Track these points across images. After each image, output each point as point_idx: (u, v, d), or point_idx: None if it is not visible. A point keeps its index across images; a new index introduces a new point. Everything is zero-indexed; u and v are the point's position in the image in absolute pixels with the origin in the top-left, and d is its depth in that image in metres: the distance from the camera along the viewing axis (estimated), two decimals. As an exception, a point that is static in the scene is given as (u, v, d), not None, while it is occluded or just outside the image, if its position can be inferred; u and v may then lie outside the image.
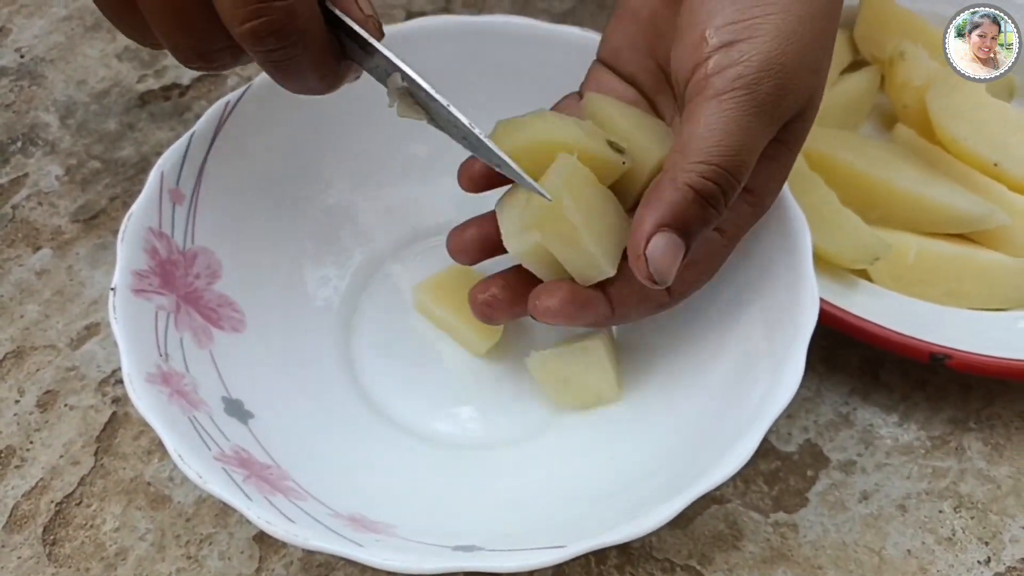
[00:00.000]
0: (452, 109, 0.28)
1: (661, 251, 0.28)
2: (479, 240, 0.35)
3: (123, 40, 0.54)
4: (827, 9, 0.29)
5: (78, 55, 0.53)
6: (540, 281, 0.33)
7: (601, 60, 0.36)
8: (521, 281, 0.34)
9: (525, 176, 0.30)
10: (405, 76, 0.28)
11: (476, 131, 0.29)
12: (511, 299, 0.34)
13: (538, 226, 0.31)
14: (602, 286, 0.32)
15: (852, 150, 0.43)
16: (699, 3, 0.29)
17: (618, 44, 0.35)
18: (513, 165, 0.30)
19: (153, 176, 0.34)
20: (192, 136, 0.35)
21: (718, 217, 0.29)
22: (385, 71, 0.28)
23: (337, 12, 0.26)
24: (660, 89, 0.35)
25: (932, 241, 0.42)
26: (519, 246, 0.32)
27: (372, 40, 0.27)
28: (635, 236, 0.28)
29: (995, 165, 0.43)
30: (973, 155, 0.44)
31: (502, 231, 0.32)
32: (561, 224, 0.30)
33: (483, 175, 0.33)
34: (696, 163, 0.27)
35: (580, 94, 0.36)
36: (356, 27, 0.26)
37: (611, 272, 0.31)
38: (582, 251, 0.31)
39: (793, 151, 0.31)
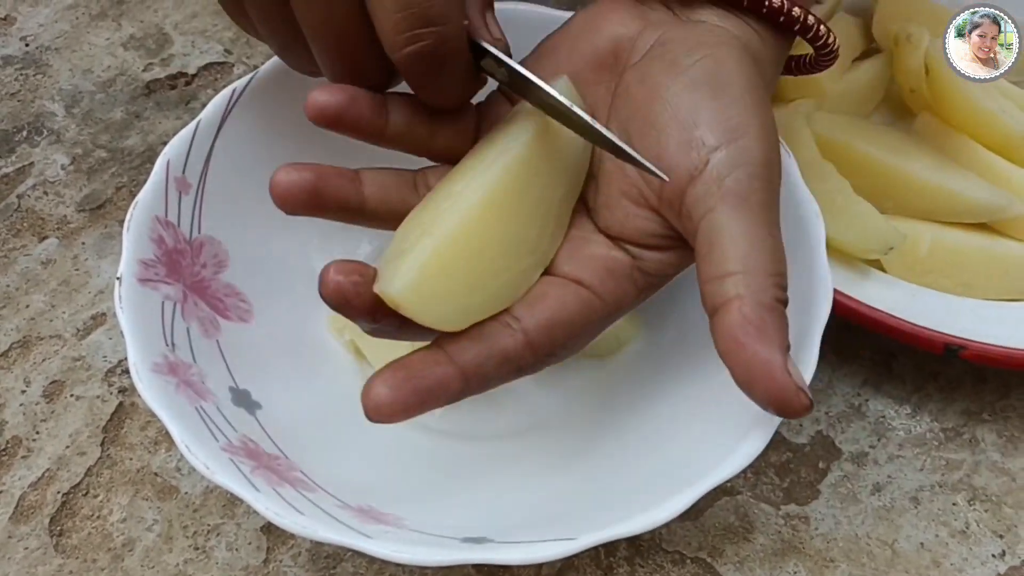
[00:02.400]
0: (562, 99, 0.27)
1: (801, 377, 0.25)
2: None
3: (129, 29, 0.54)
4: (768, 98, 0.29)
5: (84, 44, 0.53)
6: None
7: None
8: None
9: (635, 154, 0.27)
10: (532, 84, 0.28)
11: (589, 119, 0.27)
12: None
13: None
14: (447, 354, 0.27)
15: (866, 138, 0.42)
16: (669, 96, 0.28)
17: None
18: (619, 142, 0.27)
19: (159, 165, 0.34)
20: (198, 124, 0.35)
21: None
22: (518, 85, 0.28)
23: (482, 43, 0.28)
24: None
25: (947, 230, 0.41)
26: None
27: (508, 60, 0.28)
28: (776, 382, 0.25)
29: None
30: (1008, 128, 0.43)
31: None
32: None
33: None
34: (770, 277, 0.26)
35: None
36: (494, 50, 0.28)
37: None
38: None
39: None
